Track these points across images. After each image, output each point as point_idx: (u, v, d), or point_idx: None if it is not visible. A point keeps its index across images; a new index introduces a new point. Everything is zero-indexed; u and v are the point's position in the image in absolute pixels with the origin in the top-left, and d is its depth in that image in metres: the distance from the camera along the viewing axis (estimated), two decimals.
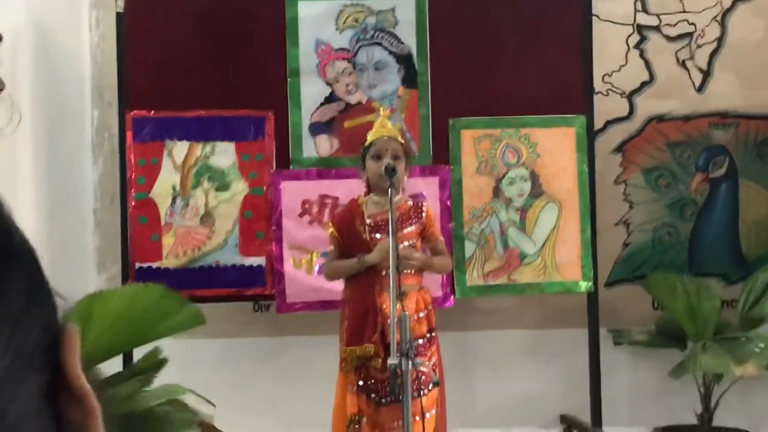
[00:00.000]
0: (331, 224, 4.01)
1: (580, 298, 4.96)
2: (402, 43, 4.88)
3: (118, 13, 4.72)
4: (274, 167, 4.76)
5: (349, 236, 3.85)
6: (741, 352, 4.74)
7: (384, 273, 3.67)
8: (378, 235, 3.80)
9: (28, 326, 0.44)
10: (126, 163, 4.69)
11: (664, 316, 5.25)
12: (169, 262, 4.68)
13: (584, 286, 4.87)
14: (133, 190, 4.68)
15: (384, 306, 3.68)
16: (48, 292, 0.46)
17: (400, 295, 3.57)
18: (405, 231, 3.84)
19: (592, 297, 4.92)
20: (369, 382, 3.75)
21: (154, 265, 4.67)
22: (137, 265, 4.65)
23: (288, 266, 4.70)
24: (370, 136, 3.89)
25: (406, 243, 3.82)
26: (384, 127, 3.88)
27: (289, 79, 4.79)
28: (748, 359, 4.67)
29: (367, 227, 3.83)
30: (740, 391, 5.11)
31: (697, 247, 5.36)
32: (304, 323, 4.99)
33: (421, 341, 3.77)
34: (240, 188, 4.74)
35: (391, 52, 4.88)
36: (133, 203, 4.67)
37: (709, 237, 5.36)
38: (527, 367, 5.30)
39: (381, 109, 4.18)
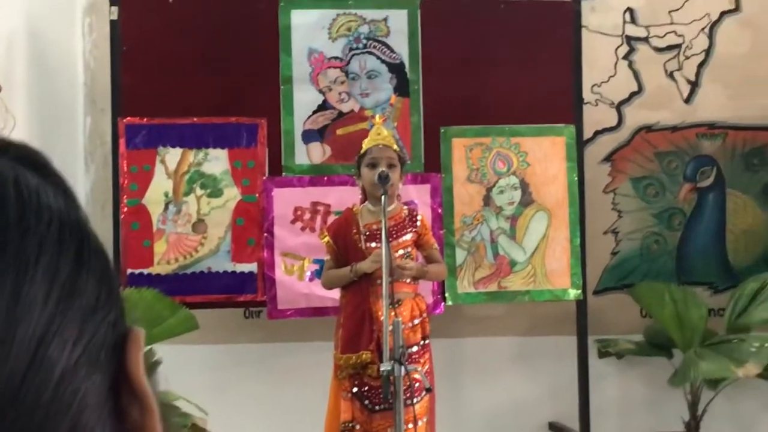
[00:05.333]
0: (326, 233, 4.01)
1: (568, 306, 5.00)
2: (394, 52, 4.91)
3: (111, 21, 4.72)
4: (267, 174, 4.77)
5: (345, 245, 3.86)
6: (738, 353, 4.78)
7: (379, 281, 3.68)
8: (374, 244, 3.81)
9: (98, 323, 0.46)
10: (119, 170, 4.69)
11: (651, 325, 5.29)
12: (160, 268, 4.68)
13: (573, 294, 4.90)
14: (125, 196, 4.68)
15: (379, 314, 3.69)
16: (117, 295, 0.48)
17: (395, 303, 3.60)
18: (400, 239, 3.86)
19: (581, 305, 4.96)
20: (363, 389, 3.77)
21: (146, 271, 4.67)
22: (128, 271, 4.65)
23: (279, 273, 4.72)
24: (365, 144, 3.90)
25: (401, 251, 3.83)
26: (379, 134, 3.89)
27: (282, 87, 4.81)
28: (747, 360, 4.70)
29: (362, 236, 3.85)
30: (727, 398, 5.16)
31: (684, 256, 5.41)
32: (295, 329, 5.01)
33: (415, 348, 3.79)
34: (232, 195, 4.75)
35: (383, 61, 4.91)
36: (125, 209, 4.68)
37: (696, 246, 5.41)
38: (516, 375, 5.33)
39: (376, 117, 4.20)
